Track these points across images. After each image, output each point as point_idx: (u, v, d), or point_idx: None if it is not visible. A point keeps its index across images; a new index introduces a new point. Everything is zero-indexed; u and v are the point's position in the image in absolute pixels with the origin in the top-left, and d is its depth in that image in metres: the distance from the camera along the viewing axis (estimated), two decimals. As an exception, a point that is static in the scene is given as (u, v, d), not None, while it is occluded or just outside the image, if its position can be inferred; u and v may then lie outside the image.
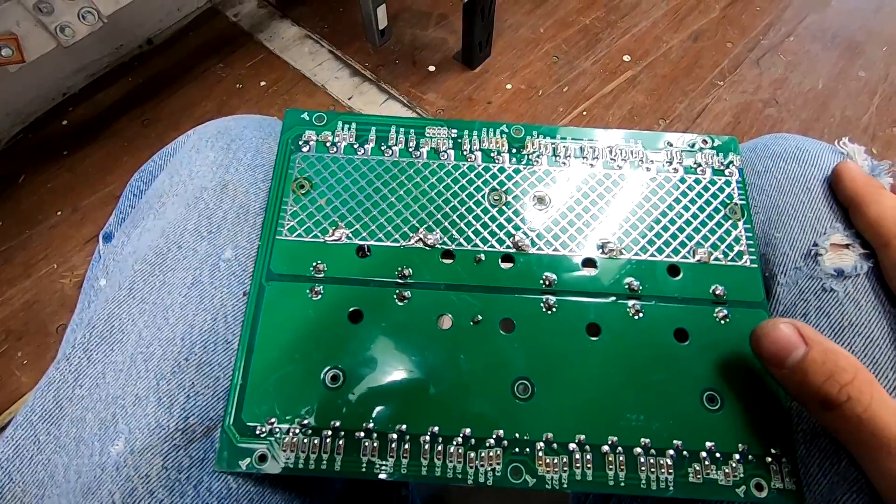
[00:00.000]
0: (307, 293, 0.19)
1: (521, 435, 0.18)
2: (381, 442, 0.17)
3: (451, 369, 0.18)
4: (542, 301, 0.19)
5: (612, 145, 0.22)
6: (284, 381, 0.18)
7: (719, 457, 0.17)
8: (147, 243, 0.20)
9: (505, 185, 0.21)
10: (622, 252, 0.20)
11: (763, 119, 0.75)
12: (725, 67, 0.79)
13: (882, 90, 0.77)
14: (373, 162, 0.22)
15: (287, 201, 0.21)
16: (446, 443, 0.17)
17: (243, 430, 0.17)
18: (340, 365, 0.18)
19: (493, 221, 0.21)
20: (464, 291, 0.19)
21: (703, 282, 0.20)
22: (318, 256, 0.20)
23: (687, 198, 0.21)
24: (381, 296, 0.19)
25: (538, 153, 0.22)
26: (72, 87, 0.82)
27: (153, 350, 0.18)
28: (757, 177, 0.23)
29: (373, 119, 0.22)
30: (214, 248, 0.20)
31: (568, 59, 0.81)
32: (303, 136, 0.22)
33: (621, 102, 0.76)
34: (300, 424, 0.18)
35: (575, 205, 0.21)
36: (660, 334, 0.19)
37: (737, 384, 0.18)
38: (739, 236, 0.20)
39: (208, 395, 0.18)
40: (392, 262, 0.20)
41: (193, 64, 0.84)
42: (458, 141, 0.22)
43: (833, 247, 0.20)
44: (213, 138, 0.24)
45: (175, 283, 0.19)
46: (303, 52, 0.84)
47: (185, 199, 0.21)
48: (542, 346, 0.19)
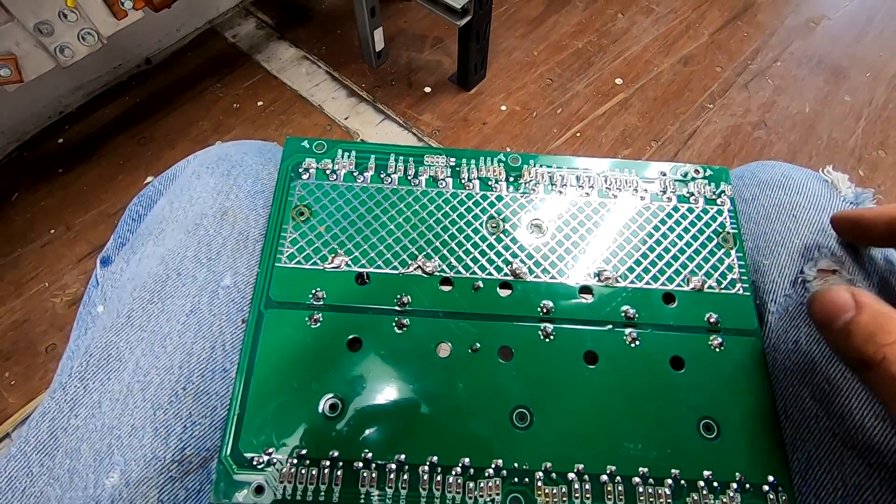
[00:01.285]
0: (306, 321, 0.19)
1: (520, 464, 0.18)
2: (379, 472, 0.17)
3: (449, 398, 0.18)
4: (540, 329, 0.20)
5: (606, 174, 0.23)
6: (282, 411, 0.18)
7: (717, 486, 0.17)
8: (146, 270, 0.20)
9: (502, 213, 0.22)
10: (618, 280, 0.20)
11: (753, 141, 0.76)
12: (715, 91, 0.81)
13: (867, 114, 0.79)
14: (372, 189, 0.22)
15: (287, 228, 0.21)
16: (445, 472, 0.17)
17: (240, 460, 0.17)
18: (339, 393, 0.18)
19: (491, 249, 0.21)
20: (462, 319, 0.20)
21: (697, 310, 0.20)
22: (318, 284, 0.20)
23: (680, 226, 0.22)
24: (380, 323, 0.19)
25: (535, 181, 0.22)
26: (69, 105, 0.83)
27: (151, 379, 0.18)
28: (745, 204, 0.23)
29: (372, 147, 0.23)
30: (213, 275, 0.20)
31: (561, 81, 0.82)
32: (303, 164, 0.22)
33: (614, 124, 0.78)
34: (298, 455, 0.17)
35: (571, 233, 0.21)
36: (656, 362, 0.19)
37: (733, 412, 0.18)
38: (732, 265, 0.21)
39: (205, 424, 0.18)
40: (391, 289, 0.20)
41: (191, 83, 0.85)
42: (456, 169, 0.22)
43: (821, 273, 0.20)
44: (214, 164, 0.24)
45: (174, 311, 0.19)
46: (300, 72, 0.85)
47: (184, 226, 0.21)
48: (540, 375, 0.19)
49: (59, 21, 0.55)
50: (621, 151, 0.76)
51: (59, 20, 0.55)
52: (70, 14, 0.55)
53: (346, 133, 0.78)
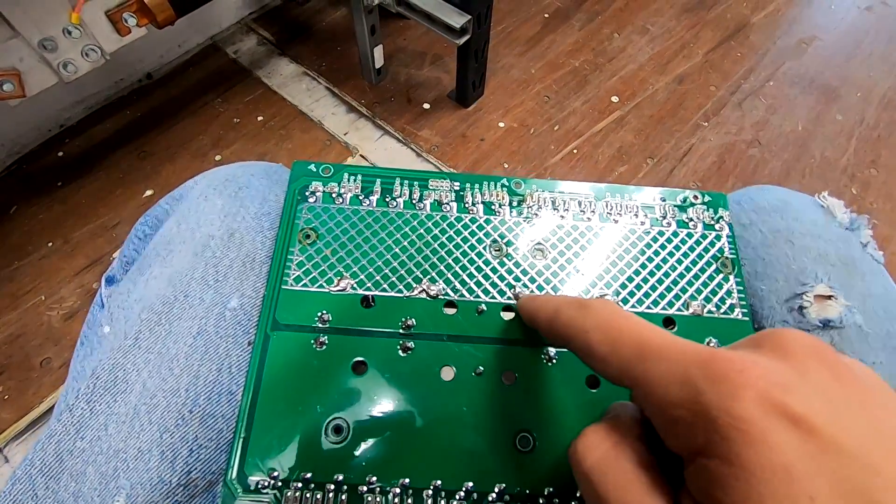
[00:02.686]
0: (312, 343, 0.20)
1: (524, 489, 0.18)
2: (383, 497, 0.17)
3: (453, 421, 0.19)
4: (544, 353, 0.20)
5: (608, 199, 0.23)
6: (288, 434, 0.18)
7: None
8: (154, 292, 0.20)
9: (505, 237, 0.22)
10: (619, 304, 0.21)
11: (747, 159, 0.77)
12: (709, 109, 0.82)
13: (859, 132, 0.81)
14: (377, 213, 0.22)
15: (293, 251, 0.21)
16: (449, 497, 0.18)
17: (245, 484, 0.17)
18: (343, 416, 0.18)
19: (495, 272, 0.21)
20: (466, 342, 0.20)
21: (697, 334, 0.20)
22: (323, 306, 0.20)
23: (680, 251, 0.22)
24: (385, 346, 0.20)
25: (537, 206, 0.23)
26: (69, 119, 0.83)
27: (157, 401, 0.18)
28: (743, 230, 0.24)
29: (378, 171, 0.23)
30: (220, 297, 0.20)
31: (558, 99, 0.83)
32: (309, 187, 0.23)
33: (610, 141, 0.79)
34: (302, 478, 0.18)
35: (573, 257, 0.22)
36: (657, 387, 0.19)
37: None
38: (731, 290, 0.21)
39: (211, 448, 0.18)
40: (396, 312, 0.20)
41: (192, 98, 0.85)
42: (460, 194, 0.23)
43: (818, 298, 0.21)
44: (222, 185, 0.24)
45: (181, 333, 0.19)
46: (300, 88, 0.86)
47: (192, 248, 0.22)
48: (543, 398, 0.19)
49: (62, 37, 0.56)
50: (617, 168, 0.77)
51: (63, 36, 0.56)
52: (74, 30, 0.56)
53: (345, 148, 0.78)
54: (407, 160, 0.76)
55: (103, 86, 0.84)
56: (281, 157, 0.78)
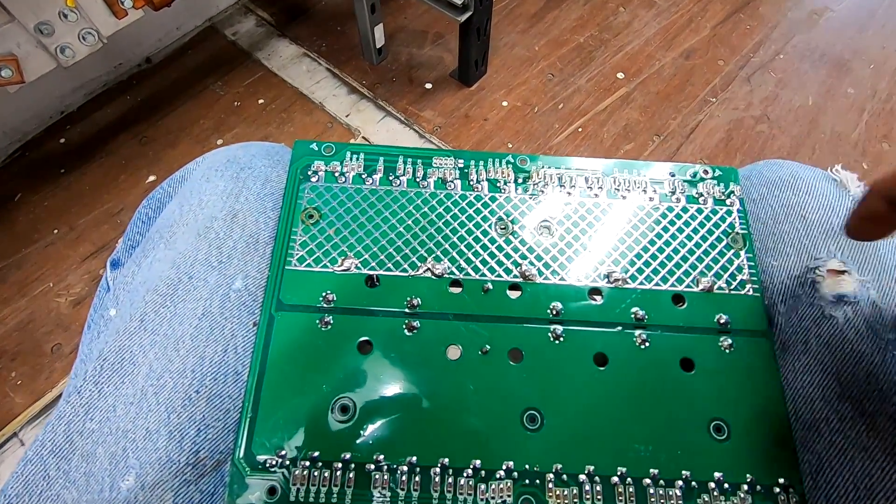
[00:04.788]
0: (316, 323, 0.19)
1: (531, 466, 0.18)
2: (391, 474, 0.17)
3: (460, 400, 0.18)
4: (550, 331, 0.20)
5: (615, 175, 0.23)
6: (294, 413, 0.18)
7: (728, 488, 0.18)
8: (158, 274, 0.20)
9: (511, 215, 0.22)
10: (627, 281, 0.20)
11: (755, 135, 0.76)
12: (717, 85, 0.81)
13: (870, 107, 0.79)
14: (381, 192, 0.22)
15: (296, 231, 0.21)
16: (456, 475, 0.18)
17: (253, 463, 0.17)
18: (350, 396, 0.18)
19: (501, 251, 0.21)
20: (472, 321, 0.20)
21: (707, 311, 0.20)
22: (328, 286, 0.20)
23: (690, 227, 0.22)
24: (391, 326, 0.20)
25: (543, 183, 0.22)
26: (70, 105, 0.82)
27: (164, 382, 0.18)
28: (753, 205, 0.23)
29: (380, 149, 0.23)
30: (225, 279, 0.20)
31: (563, 76, 0.82)
32: (311, 167, 0.22)
33: (616, 119, 0.77)
34: (310, 457, 0.18)
35: (580, 234, 0.21)
36: (666, 364, 0.19)
37: (743, 414, 0.18)
38: (742, 265, 0.21)
39: (219, 427, 0.18)
40: (401, 291, 0.20)
41: (191, 82, 0.84)
42: (464, 171, 0.22)
43: (830, 273, 0.20)
44: (223, 167, 0.24)
45: (186, 314, 0.19)
46: (300, 70, 0.85)
47: (195, 229, 0.21)
48: (550, 377, 0.19)
49: (59, 21, 0.55)
50: (623, 147, 0.75)
51: (60, 20, 0.55)
52: (70, 14, 0.55)
53: (347, 130, 0.78)
54: (409, 141, 0.76)
55: (102, 71, 0.83)
56: (283, 140, 0.77)
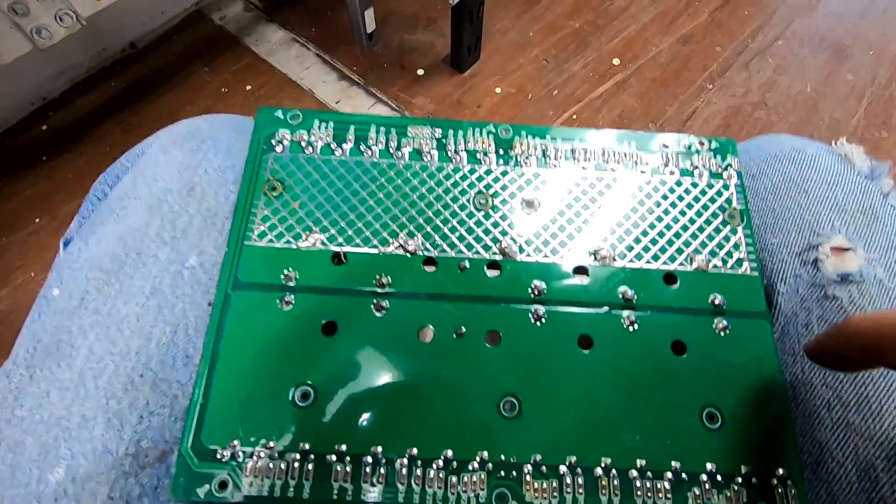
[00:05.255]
0: (277, 303, 0.18)
1: (508, 457, 0.16)
2: (354, 466, 0.16)
3: (431, 386, 0.17)
4: (531, 311, 0.18)
5: (604, 147, 0.21)
6: (250, 400, 0.17)
7: (721, 480, 0.16)
8: (104, 250, 0.19)
9: (491, 189, 0.20)
10: (615, 259, 0.19)
11: (753, 122, 0.75)
12: (715, 71, 0.79)
13: (870, 93, 0.77)
14: (351, 163, 0.20)
15: (257, 204, 0.19)
16: (426, 466, 0.16)
17: (203, 453, 0.16)
18: (311, 381, 0.17)
19: (479, 226, 0.19)
20: (447, 301, 0.18)
21: (701, 291, 0.19)
22: (290, 263, 0.18)
23: (683, 202, 0.20)
24: (358, 306, 0.18)
25: (527, 155, 0.21)
26: (51, 91, 0.80)
27: (105, 365, 0.16)
28: (752, 180, 0.22)
29: (352, 118, 0.21)
30: (178, 255, 0.19)
31: (557, 62, 0.80)
32: (276, 135, 0.21)
33: (611, 106, 0.76)
34: (266, 447, 0.16)
35: (566, 209, 0.20)
36: (656, 347, 0.18)
37: (738, 401, 0.17)
38: (739, 242, 0.19)
39: (164, 415, 0.16)
40: (370, 269, 0.19)
41: (178, 68, 0.82)
42: (442, 141, 0.21)
43: (834, 251, 0.19)
44: (184, 138, 0.22)
45: (133, 293, 0.18)
46: (290, 56, 0.83)
47: (147, 203, 0.20)
48: (530, 361, 0.17)
49: (34, 1, 0.53)
50: (619, 135, 0.74)
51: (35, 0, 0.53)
52: (45, -8, 0.53)
53: (337, 117, 0.76)
54: (401, 128, 0.74)
55: (85, 56, 0.81)
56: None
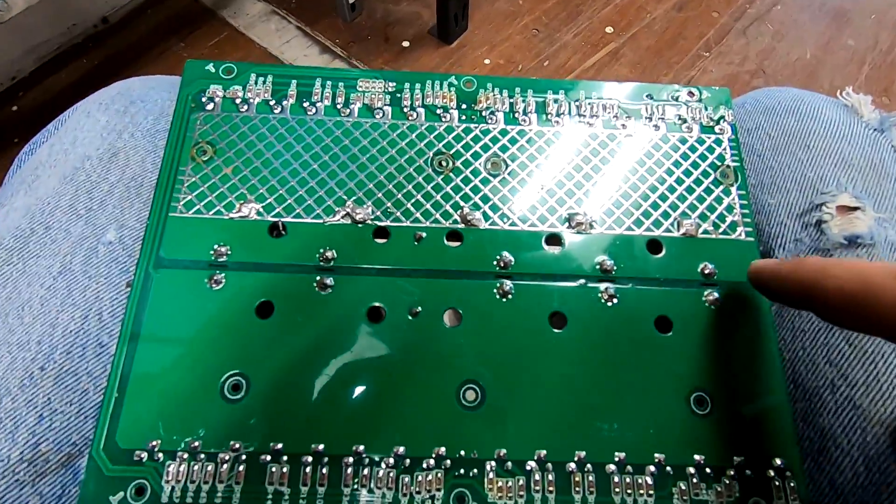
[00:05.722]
0: (205, 283, 0.16)
1: (468, 453, 0.14)
2: (291, 467, 0.14)
3: (382, 373, 0.15)
4: (496, 286, 0.16)
5: (580, 100, 0.19)
6: (172, 393, 0.14)
7: (710, 472, 0.14)
8: (9, 225, 0.16)
9: (452, 148, 0.18)
10: (592, 225, 0.17)
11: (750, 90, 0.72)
12: (711, 38, 0.76)
13: (871, 59, 0.75)
14: (292, 122, 0.18)
15: (184, 170, 0.17)
16: (373, 465, 0.14)
17: (117, 455, 0.14)
18: (243, 371, 0.15)
19: (438, 191, 0.17)
20: (400, 277, 0.16)
21: (689, 259, 0.16)
22: (221, 237, 0.16)
23: (670, 160, 0.18)
24: (298, 284, 0.16)
25: (493, 109, 0.18)
26: (21, 70, 0.77)
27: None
28: (747, 135, 0.20)
29: (294, 71, 0.19)
30: (93, 230, 0.16)
31: (548, 32, 0.77)
32: (206, 92, 0.18)
33: (604, 76, 0.73)
34: (190, 448, 0.14)
35: (536, 170, 0.18)
36: (638, 323, 0.16)
37: (730, 383, 0.15)
38: (732, 204, 0.17)
39: (70, 413, 0.14)
40: (312, 242, 0.16)
41: (152, 44, 0.79)
42: (396, 96, 0.18)
43: (841, 210, 0.17)
44: (110, 100, 0.20)
45: (37, 273, 0.15)
46: (269, 29, 0.80)
47: (61, 171, 0.17)
48: (495, 342, 0.15)
49: (-15, -34, 0.50)
50: (612, 106, 0.71)
51: (-15, -35, 0.50)
52: (-3, -42, 0.50)
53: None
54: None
55: (55, 32, 0.77)
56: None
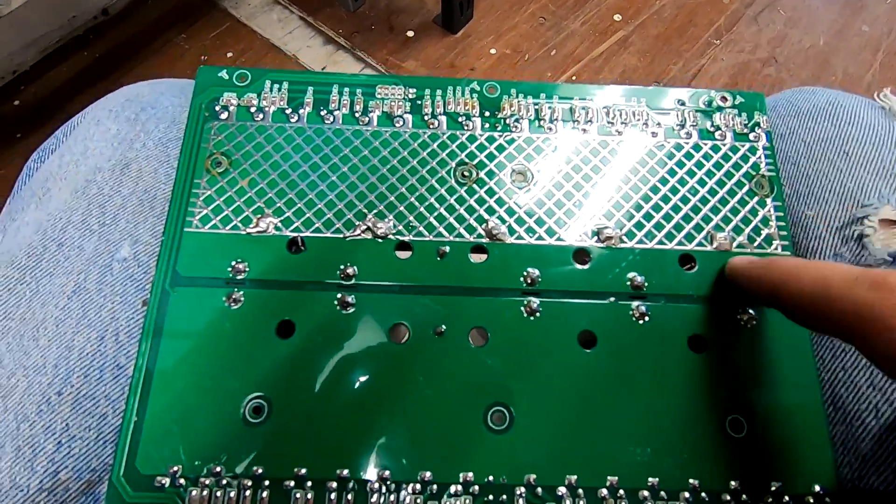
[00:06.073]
0: (223, 300, 0.15)
1: (497, 478, 0.14)
2: (316, 492, 0.14)
3: (406, 395, 0.14)
4: (523, 304, 0.15)
5: (609, 106, 0.18)
6: (193, 416, 0.14)
7: (746, 499, 0.14)
8: (20, 242, 0.16)
9: (476, 158, 0.17)
10: (623, 239, 0.16)
11: (762, 79, 0.71)
12: (722, 25, 0.75)
13: (886, 45, 0.73)
14: (309, 131, 0.17)
15: (199, 183, 0.16)
16: (399, 490, 0.14)
17: (137, 481, 0.14)
18: (265, 393, 0.14)
19: (461, 204, 0.17)
20: (423, 294, 0.15)
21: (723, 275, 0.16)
22: (239, 253, 0.16)
23: (703, 170, 0.17)
24: (319, 302, 0.15)
25: (517, 117, 0.18)
26: (22, 64, 0.76)
27: (15, 382, 0.14)
28: (781, 141, 0.19)
29: (310, 77, 0.18)
30: (107, 246, 0.16)
31: (555, 20, 0.75)
32: (220, 100, 0.18)
33: (612, 65, 0.72)
34: (212, 472, 0.14)
35: (564, 181, 0.17)
36: (671, 343, 0.15)
37: (767, 405, 0.14)
38: (768, 216, 0.16)
39: (89, 438, 0.14)
40: (333, 258, 0.16)
41: (153, 36, 0.78)
42: (417, 103, 0.18)
43: (884, 224, 0.16)
44: (119, 107, 0.19)
45: (51, 292, 0.15)
46: (271, 19, 0.78)
47: (72, 184, 0.17)
48: (522, 362, 0.15)
49: (-17, -41, 0.49)
50: (621, 97, 0.70)
51: (-16, -42, 0.49)
52: (-5, -50, 0.49)
53: (322, 84, 0.72)
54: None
55: (55, 25, 0.76)
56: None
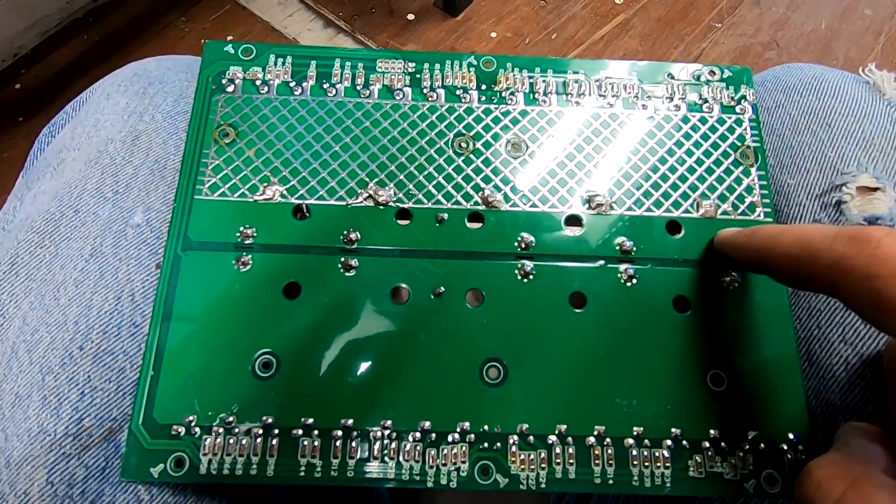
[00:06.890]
0: (233, 264, 0.16)
1: (491, 427, 0.15)
2: (322, 440, 0.15)
3: (407, 351, 0.15)
4: (518, 267, 0.16)
5: (601, 79, 0.19)
6: (206, 370, 0.15)
7: (725, 446, 0.15)
8: (38, 208, 0.17)
9: (473, 130, 0.18)
10: (613, 206, 0.17)
11: (763, 63, 0.70)
12: (724, 8, 0.74)
13: (888, 29, 0.73)
14: (313, 103, 0.18)
15: (208, 153, 0.17)
16: (400, 439, 0.15)
17: (155, 430, 0.14)
18: (273, 349, 0.15)
19: (459, 173, 0.17)
20: (423, 258, 0.16)
21: (707, 240, 0.17)
22: (247, 219, 0.16)
23: (690, 140, 0.18)
24: (323, 265, 0.16)
25: (513, 90, 0.18)
26: (23, 47, 0.76)
27: (39, 338, 0.15)
28: (767, 114, 0.20)
29: (313, 51, 0.19)
30: (121, 212, 0.17)
31: (556, 3, 0.75)
32: (227, 74, 0.18)
33: (613, 49, 0.71)
34: (225, 422, 0.15)
35: (557, 151, 0.18)
36: (657, 303, 0.16)
37: (746, 360, 0.15)
38: (752, 185, 0.17)
39: (110, 390, 0.15)
40: (336, 224, 0.17)
41: (154, 18, 0.78)
42: (416, 77, 0.18)
43: (861, 190, 0.17)
44: (128, 82, 0.20)
45: (70, 256, 0.16)
46: (271, 2, 0.78)
47: (86, 154, 0.18)
48: (516, 321, 0.16)
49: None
50: (621, 80, 0.70)
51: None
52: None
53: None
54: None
55: (55, 8, 0.76)
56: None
